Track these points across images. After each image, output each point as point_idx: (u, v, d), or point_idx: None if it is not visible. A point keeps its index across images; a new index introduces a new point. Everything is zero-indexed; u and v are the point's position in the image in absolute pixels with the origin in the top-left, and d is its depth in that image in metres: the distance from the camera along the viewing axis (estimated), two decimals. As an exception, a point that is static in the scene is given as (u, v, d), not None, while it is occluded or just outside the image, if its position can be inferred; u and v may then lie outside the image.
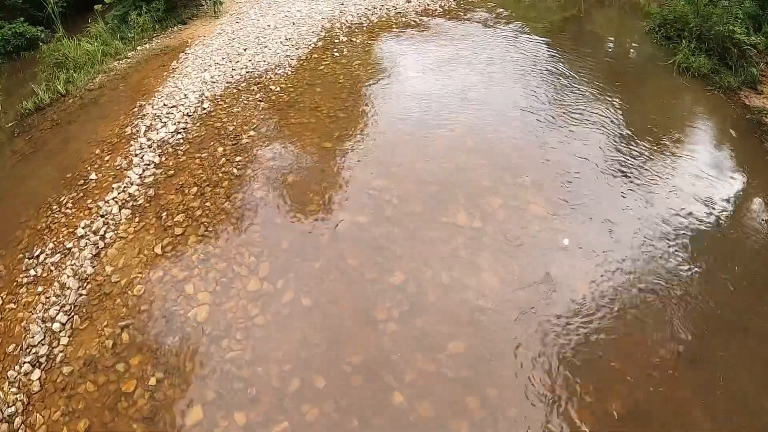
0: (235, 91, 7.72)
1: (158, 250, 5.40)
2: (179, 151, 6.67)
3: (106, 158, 7.11)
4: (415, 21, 9.85)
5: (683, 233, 5.18)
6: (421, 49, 8.60)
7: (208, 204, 5.75)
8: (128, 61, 10.38)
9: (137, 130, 7.44)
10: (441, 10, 10.34)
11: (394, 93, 7.21)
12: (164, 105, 7.85)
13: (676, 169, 5.99)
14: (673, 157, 6.18)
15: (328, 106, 6.95)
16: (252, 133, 6.61)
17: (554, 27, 10.26)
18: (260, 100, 7.30)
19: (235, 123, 6.91)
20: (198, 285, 4.98)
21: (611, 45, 10.02)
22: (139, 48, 10.85)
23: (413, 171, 5.69)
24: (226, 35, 10.01)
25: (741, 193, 5.89)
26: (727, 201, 5.68)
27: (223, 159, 6.27)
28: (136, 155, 6.87)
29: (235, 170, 6.06)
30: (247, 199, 5.66)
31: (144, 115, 7.75)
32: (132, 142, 7.21)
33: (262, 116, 6.93)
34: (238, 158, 6.21)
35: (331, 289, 4.71)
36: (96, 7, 12.02)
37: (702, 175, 5.94)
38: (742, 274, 4.88)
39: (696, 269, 4.85)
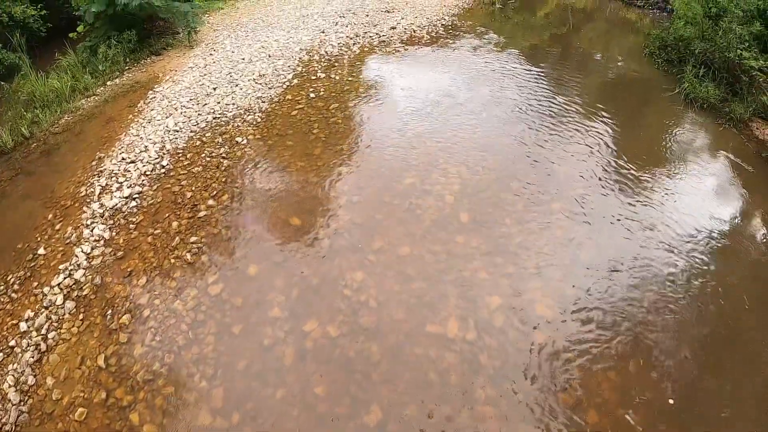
0: (198, 143, 6.53)
1: (101, 362, 4.31)
2: (131, 224, 5.53)
3: (57, 227, 5.98)
4: (400, 51, 8.62)
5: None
6: (407, 87, 7.40)
7: (157, 302, 4.62)
8: (96, 98, 9.20)
9: (92, 192, 6.31)
10: (428, 37, 9.12)
11: (373, 147, 6.04)
12: (122, 159, 6.69)
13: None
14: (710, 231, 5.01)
15: (299, 165, 5.77)
16: (211, 202, 5.44)
17: (548, 52, 9.06)
18: (224, 157, 6.12)
19: (194, 187, 5.74)
20: (144, 414, 3.92)
21: (613, 72, 8.80)
22: (108, 83, 9.66)
23: (395, 261, 4.53)
24: (197, 70, 8.78)
25: None
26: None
27: (177, 239, 5.11)
28: (86, 226, 5.73)
29: (188, 256, 4.91)
30: (200, 297, 4.52)
31: (101, 171, 6.59)
32: (85, 208, 6.07)
33: (224, 178, 5.76)
34: (193, 239, 5.05)
35: (295, 429, 3.57)
36: (71, 35, 10.74)
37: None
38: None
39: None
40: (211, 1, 12.75)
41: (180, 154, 6.43)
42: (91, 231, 5.65)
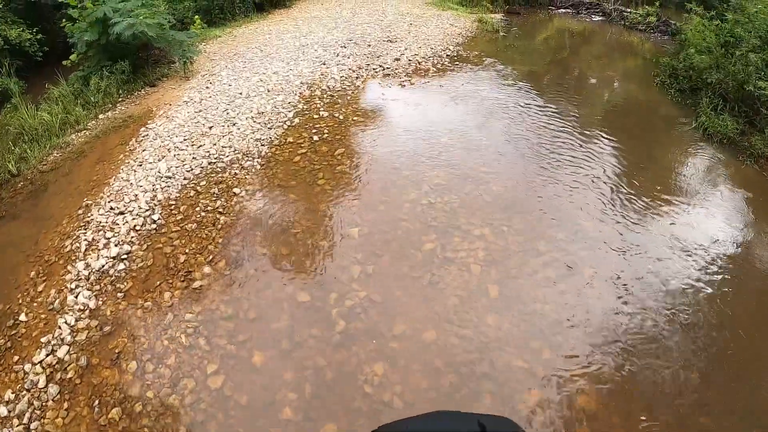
0: (192, 193, 5.81)
1: (91, 465, 3.55)
2: (119, 292, 4.80)
3: (40, 288, 5.26)
4: (406, 86, 7.96)
5: None
6: (417, 129, 6.74)
7: (150, 395, 3.90)
8: (87, 133, 8.47)
9: (77, 247, 5.58)
10: (434, 69, 8.46)
11: (388, 203, 5.34)
12: (111, 209, 5.97)
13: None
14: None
15: (305, 225, 5.06)
16: (207, 270, 4.71)
17: (559, 84, 8.46)
18: (221, 212, 5.39)
19: (188, 249, 5.01)
20: None
21: (627, 105, 8.21)
22: (101, 116, 8.93)
23: (420, 349, 3.83)
24: (192, 105, 8.05)
25: None
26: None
27: (171, 315, 4.39)
28: (71, 291, 5.00)
29: (183, 337, 4.18)
30: (199, 391, 3.80)
31: (88, 222, 5.87)
32: (69, 267, 5.34)
33: (221, 239, 5.03)
34: (188, 316, 4.32)
35: None
36: (64, 62, 10.01)
37: None
38: None
39: None
40: (208, 29, 12.02)
41: (173, 206, 5.70)
42: (76, 298, 4.94)
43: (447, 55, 9.58)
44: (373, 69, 8.76)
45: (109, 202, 6.14)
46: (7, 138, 8.76)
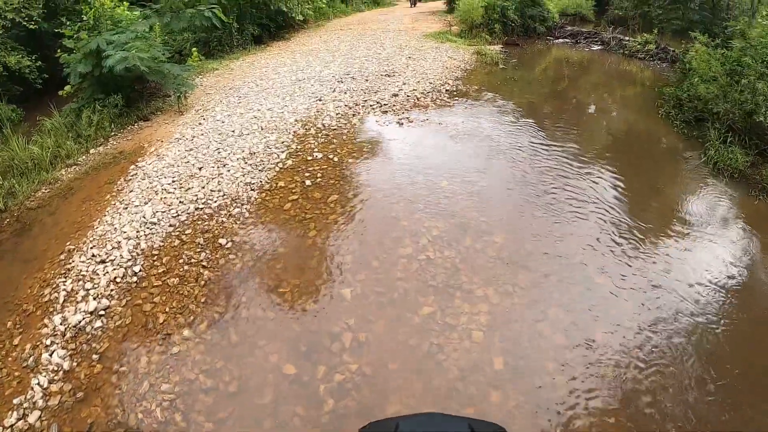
0: (177, 242, 5.46)
1: None
2: (95, 354, 4.47)
3: (16, 341, 5.00)
4: (404, 124, 7.67)
5: None
6: (415, 171, 6.43)
7: (117, 474, 3.48)
8: (77, 169, 8.20)
9: (56, 297, 5.26)
10: (433, 106, 8.17)
11: (383, 260, 4.97)
12: (92, 256, 5.63)
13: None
14: None
15: (293, 283, 4.69)
16: (187, 333, 4.35)
17: (562, 118, 8.20)
18: (204, 266, 5.04)
19: (168, 308, 4.65)
20: None
21: (633, 139, 7.92)
22: (92, 150, 8.65)
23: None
24: (183, 143, 7.76)
25: None
26: None
27: (146, 384, 4.01)
28: (46, 348, 4.67)
29: (158, 411, 3.82)
30: (170, 480, 3.36)
31: (69, 270, 5.55)
32: (46, 320, 5.04)
33: (203, 297, 4.69)
34: (164, 386, 3.96)
35: None
36: (60, 92, 9.79)
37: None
38: None
39: None
40: (206, 61, 11.82)
41: (155, 257, 5.36)
42: (50, 356, 4.63)
43: (446, 90, 9.32)
44: (371, 105, 8.48)
45: (91, 248, 5.82)
46: (-6, 171, 8.49)
